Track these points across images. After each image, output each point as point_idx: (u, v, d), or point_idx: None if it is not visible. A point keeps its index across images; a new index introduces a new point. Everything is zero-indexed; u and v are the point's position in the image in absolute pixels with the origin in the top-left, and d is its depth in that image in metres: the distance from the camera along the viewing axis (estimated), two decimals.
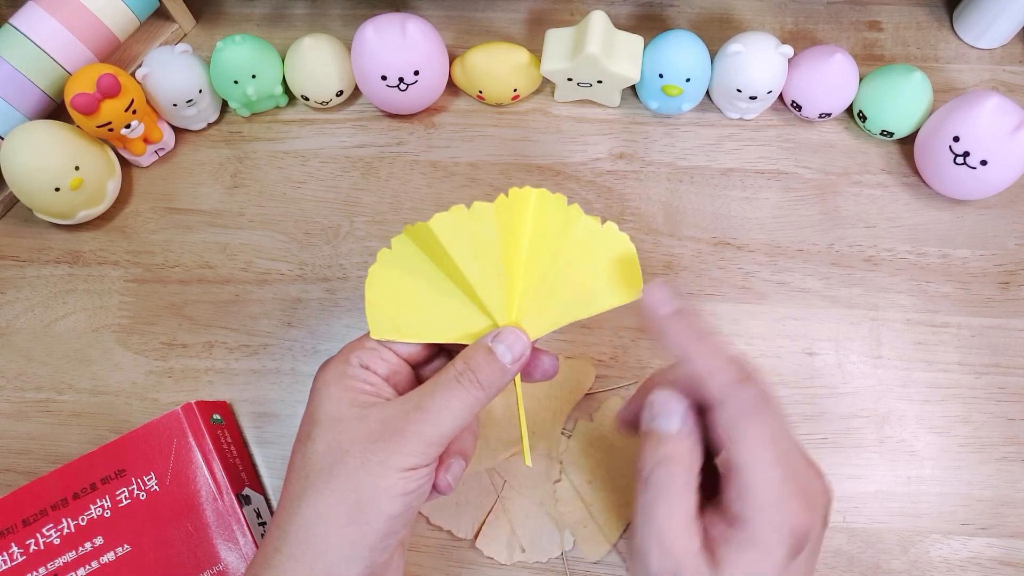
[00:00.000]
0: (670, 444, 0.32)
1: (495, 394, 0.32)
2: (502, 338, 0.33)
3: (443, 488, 0.33)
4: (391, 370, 0.34)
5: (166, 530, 0.41)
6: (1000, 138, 0.44)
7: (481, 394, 0.32)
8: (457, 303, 0.34)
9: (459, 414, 0.31)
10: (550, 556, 0.43)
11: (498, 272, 0.33)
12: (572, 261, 0.34)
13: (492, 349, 0.33)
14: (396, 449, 0.30)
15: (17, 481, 0.46)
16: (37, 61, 0.47)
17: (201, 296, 0.49)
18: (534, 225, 0.34)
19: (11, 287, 0.50)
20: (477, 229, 0.32)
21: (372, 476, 0.30)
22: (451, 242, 0.32)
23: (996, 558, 0.43)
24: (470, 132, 0.52)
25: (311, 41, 0.48)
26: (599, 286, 0.34)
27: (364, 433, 0.31)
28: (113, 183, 0.50)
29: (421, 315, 0.34)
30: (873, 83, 0.48)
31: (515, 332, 0.33)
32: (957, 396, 0.46)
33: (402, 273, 0.34)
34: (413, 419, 0.31)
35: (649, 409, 0.33)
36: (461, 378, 0.32)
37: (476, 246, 0.33)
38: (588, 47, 0.45)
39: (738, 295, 0.48)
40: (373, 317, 0.34)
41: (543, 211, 0.34)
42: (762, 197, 0.50)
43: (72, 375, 0.48)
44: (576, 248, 0.34)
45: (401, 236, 0.34)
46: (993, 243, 0.48)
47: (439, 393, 0.31)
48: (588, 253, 0.34)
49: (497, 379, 0.32)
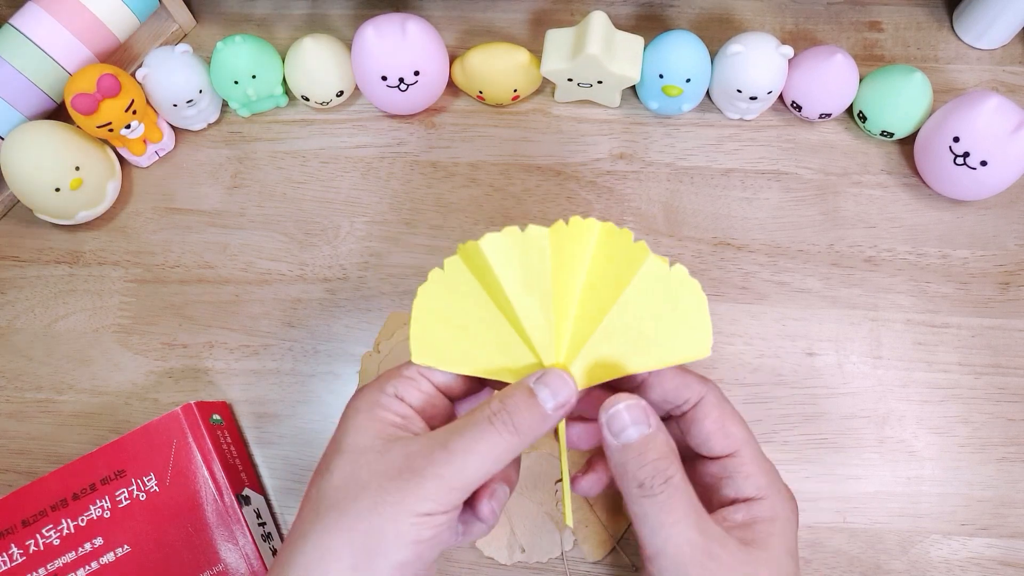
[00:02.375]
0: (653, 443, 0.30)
1: (531, 441, 0.29)
2: (546, 381, 0.30)
3: (485, 516, 0.31)
4: (426, 401, 0.31)
5: (166, 530, 0.41)
6: (1000, 138, 0.44)
7: (515, 440, 0.29)
8: (504, 336, 0.32)
9: (488, 459, 0.28)
10: (550, 556, 0.43)
11: (548, 306, 0.31)
12: (632, 305, 0.31)
13: (534, 391, 0.30)
14: (413, 491, 0.27)
15: (17, 481, 0.46)
16: (37, 61, 0.47)
17: (201, 296, 0.49)
18: (594, 260, 0.31)
19: (11, 287, 0.50)
20: (529, 255, 0.30)
21: (383, 518, 0.27)
22: (501, 265, 0.30)
23: (996, 558, 0.43)
24: (470, 132, 0.52)
25: (311, 41, 0.48)
26: (661, 337, 0.31)
27: (383, 469, 0.28)
28: (113, 183, 0.50)
29: (466, 344, 0.32)
30: (873, 83, 0.48)
31: (562, 376, 0.30)
32: (957, 396, 0.46)
33: (452, 296, 0.32)
34: (436, 459, 0.28)
35: (610, 426, 0.31)
36: (495, 419, 0.29)
37: (527, 274, 0.30)
38: (588, 47, 0.45)
39: (738, 295, 0.48)
40: (417, 340, 0.32)
41: (606, 246, 0.31)
42: (762, 197, 0.50)
43: (72, 375, 0.48)
44: (639, 291, 0.31)
45: (454, 258, 0.32)
46: (993, 243, 0.48)
47: (469, 433, 0.29)
48: (652, 298, 0.31)
49: (535, 425, 0.29)
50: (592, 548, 0.43)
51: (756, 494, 0.31)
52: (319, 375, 0.47)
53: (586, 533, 0.44)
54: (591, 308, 0.32)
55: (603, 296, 0.32)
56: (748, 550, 0.30)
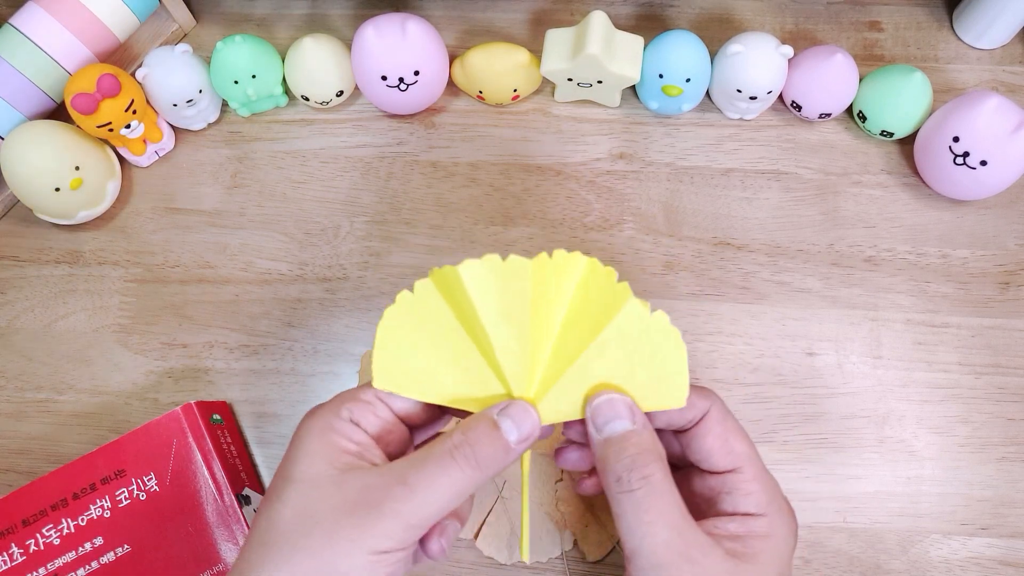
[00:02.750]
0: (635, 439, 0.29)
1: (492, 475, 0.28)
2: (509, 412, 0.29)
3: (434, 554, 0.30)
4: (383, 428, 0.30)
5: (166, 530, 0.41)
6: (1000, 138, 0.44)
7: (476, 474, 0.28)
8: (473, 365, 0.31)
9: (448, 494, 0.27)
10: (550, 556, 0.43)
11: (525, 338, 0.30)
12: (610, 347, 0.31)
13: (497, 423, 0.29)
14: (370, 528, 0.26)
15: (17, 481, 0.46)
16: (37, 61, 0.47)
17: (201, 296, 0.49)
18: (576, 296, 0.31)
19: (11, 287, 0.50)
20: (509, 286, 0.29)
21: (337, 555, 0.26)
22: (479, 293, 0.29)
23: (996, 558, 0.43)
24: (470, 132, 0.52)
25: (311, 41, 0.48)
26: (636, 382, 0.31)
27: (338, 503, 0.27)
28: (113, 183, 0.50)
29: (430, 371, 0.31)
30: (873, 83, 0.48)
31: (525, 407, 0.29)
32: (957, 396, 0.46)
33: (419, 321, 0.31)
34: (394, 495, 0.27)
35: (594, 420, 0.30)
36: (456, 452, 0.28)
37: (505, 304, 0.29)
38: (588, 47, 0.45)
39: (738, 295, 0.48)
40: (380, 364, 0.31)
41: (589, 283, 0.31)
42: (762, 197, 0.50)
43: (72, 375, 0.48)
44: (617, 333, 0.31)
45: (425, 281, 0.31)
46: (993, 243, 0.48)
47: (429, 467, 0.27)
48: (630, 342, 0.31)
49: (497, 458, 0.28)
50: (592, 548, 0.43)
51: (755, 511, 0.30)
52: (319, 375, 0.47)
53: (586, 533, 0.44)
54: (568, 345, 0.31)
55: (581, 334, 0.31)
56: (734, 562, 0.28)
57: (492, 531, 0.44)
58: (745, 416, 0.46)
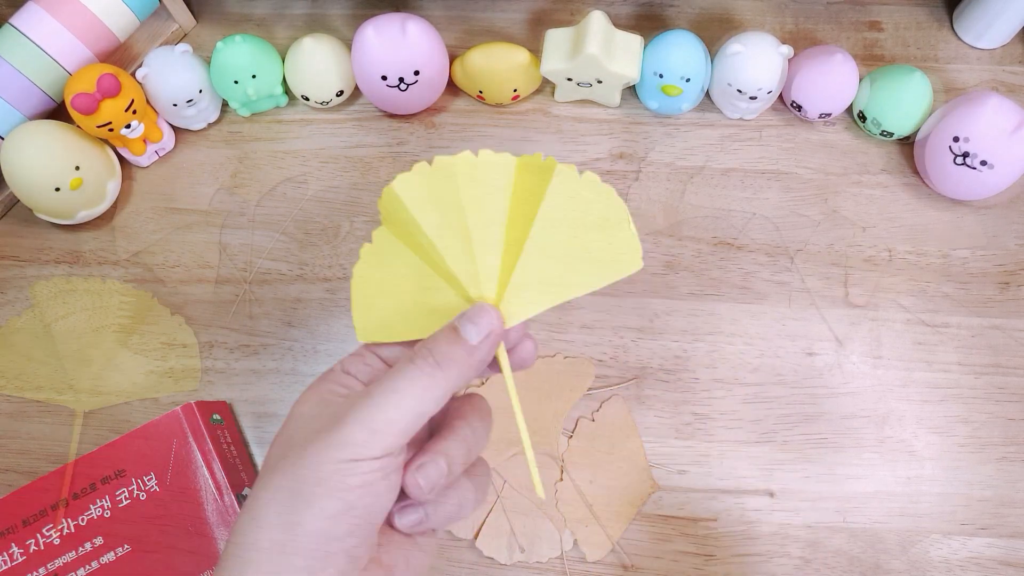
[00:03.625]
0: None
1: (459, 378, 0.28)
2: (468, 315, 0.29)
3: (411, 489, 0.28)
4: (373, 375, 0.31)
5: (166, 530, 0.41)
6: (1000, 138, 0.44)
7: (438, 374, 0.28)
8: (442, 297, 0.31)
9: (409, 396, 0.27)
10: (550, 556, 0.43)
11: (468, 239, 0.30)
12: (552, 222, 0.29)
13: (456, 326, 0.29)
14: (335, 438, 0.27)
15: (17, 481, 0.46)
16: (37, 61, 0.47)
17: (201, 296, 0.49)
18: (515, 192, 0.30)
19: (11, 287, 0.50)
20: (441, 188, 0.29)
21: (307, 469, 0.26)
22: (415, 205, 0.29)
23: (996, 558, 0.43)
24: (470, 132, 0.52)
25: (311, 41, 0.48)
26: (590, 253, 0.30)
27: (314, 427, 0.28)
28: (113, 183, 0.50)
29: (405, 311, 0.31)
30: (873, 83, 0.48)
31: (482, 306, 0.29)
32: (957, 396, 0.46)
33: (386, 269, 0.32)
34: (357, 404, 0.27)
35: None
36: (416, 358, 0.28)
37: (441, 207, 0.30)
38: (588, 47, 0.45)
39: (738, 295, 0.48)
40: (359, 319, 0.31)
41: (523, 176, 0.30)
42: (762, 197, 0.50)
43: (72, 375, 0.48)
44: (554, 206, 0.29)
45: (381, 228, 0.31)
46: (993, 243, 0.48)
47: (390, 375, 0.28)
48: (569, 212, 0.29)
49: (459, 358, 0.28)
50: (592, 548, 0.43)
51: None
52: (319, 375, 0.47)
53: (586, 533, 0.44)
54: (516, 239, 0.30)
55: (524, 223, 0.30)
56: None
57: (492, 531, 0.44)
58: (745, 416, 0.46)
